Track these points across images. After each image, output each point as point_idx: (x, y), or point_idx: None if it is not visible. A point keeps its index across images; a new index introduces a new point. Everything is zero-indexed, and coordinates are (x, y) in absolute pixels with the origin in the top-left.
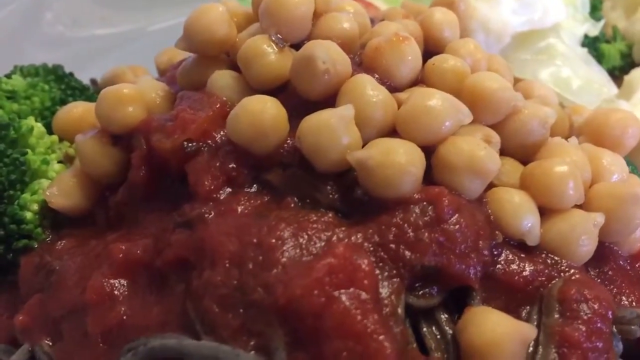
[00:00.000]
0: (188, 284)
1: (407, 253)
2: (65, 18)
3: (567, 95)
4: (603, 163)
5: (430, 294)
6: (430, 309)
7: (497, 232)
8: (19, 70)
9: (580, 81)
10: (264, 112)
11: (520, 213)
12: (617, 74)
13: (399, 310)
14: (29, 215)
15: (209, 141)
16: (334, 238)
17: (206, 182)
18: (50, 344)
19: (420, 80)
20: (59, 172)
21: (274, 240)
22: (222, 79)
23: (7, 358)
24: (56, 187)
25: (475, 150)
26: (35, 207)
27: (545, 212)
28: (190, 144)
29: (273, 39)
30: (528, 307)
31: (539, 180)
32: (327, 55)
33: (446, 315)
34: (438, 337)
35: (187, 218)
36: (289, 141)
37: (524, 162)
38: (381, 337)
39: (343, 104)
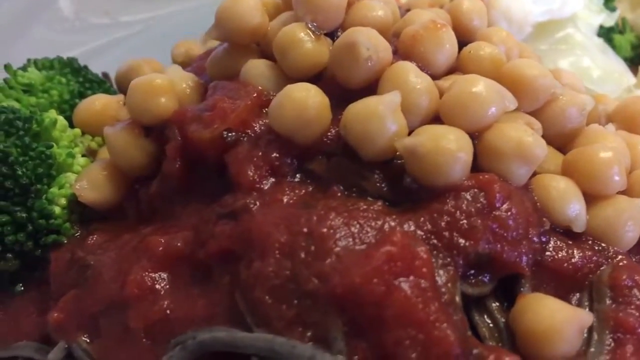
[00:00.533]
0: (235, 275)
1: (461, 241)
2: (69, 12)
3: (588, 84)
4: None
5: (482, 282)
6: (481, 298)
7: (544, 219)
8: (33, 64)
9: (599, 71)
10: (308, 99)
11: (567, 199)
12: (628, 65)
13: (457, 299)
14: (57, 209)
15: (248, 131)
16: (386, 226)
17: (249, 172)
18: (88, 340)
19: (455, 68)
20: (84, 165)
21: (325, 230)
22: (256, 68)
23: (40, 356)
24: (85, 180)
25: (523, 137)
26: (63, 201)
27: (589, 198)
28: (230, 134)
29: (309, 26)
30: (578, 294)
31: (583, 167)
32: (370, 41)
33: (497, 304)
34: (490, 325)
35: (231, 209)
36: (331, 130)
37: (561, 150)
38: (444, 325)
39: (385, 92)
